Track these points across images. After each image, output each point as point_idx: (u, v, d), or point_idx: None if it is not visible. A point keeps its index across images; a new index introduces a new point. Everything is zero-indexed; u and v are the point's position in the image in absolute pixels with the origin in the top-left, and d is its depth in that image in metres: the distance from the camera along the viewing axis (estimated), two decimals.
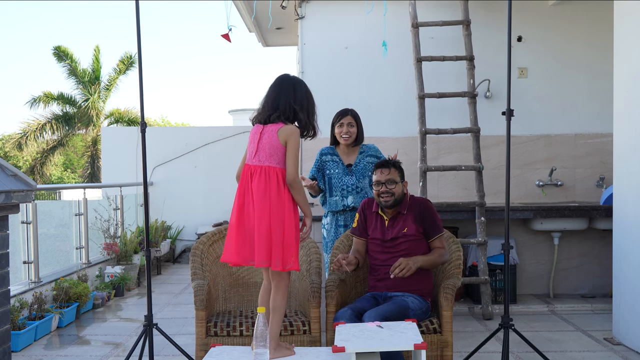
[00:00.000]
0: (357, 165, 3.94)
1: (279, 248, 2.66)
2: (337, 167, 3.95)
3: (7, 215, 3.34)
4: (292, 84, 2.80)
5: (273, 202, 2.67)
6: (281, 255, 2.66)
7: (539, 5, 5.75)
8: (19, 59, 51.16)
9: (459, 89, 5.45)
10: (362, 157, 3.96)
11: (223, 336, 3.15)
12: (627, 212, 4.10)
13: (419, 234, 3.24)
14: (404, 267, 3.06)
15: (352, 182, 3.91)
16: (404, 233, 3.24)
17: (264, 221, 2.65)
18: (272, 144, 2.71)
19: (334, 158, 3.97)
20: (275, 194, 2.68)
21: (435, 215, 3.31)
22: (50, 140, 20.16)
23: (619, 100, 4.24)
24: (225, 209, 8.88)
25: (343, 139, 3.91)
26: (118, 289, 6.06)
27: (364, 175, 3.93)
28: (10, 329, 3.39)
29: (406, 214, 3.28)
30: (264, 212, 2.65)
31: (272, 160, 2.71)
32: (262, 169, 2.70)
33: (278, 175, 2.70)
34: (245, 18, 6.79)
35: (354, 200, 3.90)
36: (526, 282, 5.63)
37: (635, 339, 3.96)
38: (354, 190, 3.91)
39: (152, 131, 9.51)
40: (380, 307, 2.98)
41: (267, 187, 2.68)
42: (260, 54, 76.61)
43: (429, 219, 3.27)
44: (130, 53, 19.47)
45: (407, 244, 3.23)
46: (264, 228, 2.65)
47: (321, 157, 4.00)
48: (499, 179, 5.68)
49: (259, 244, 2.65)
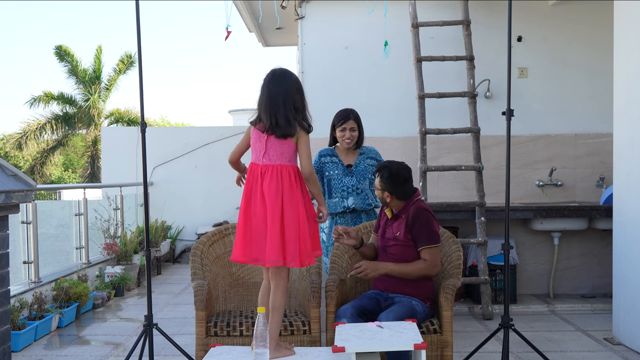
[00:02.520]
0: (357, 167, 3.92)
1: (295, 245, 2.66)
2: (336, 168, 3.92)
3: (7, 215, 3.34)
4: (284, 90, 2.69)
5: (286, 200, 2.67)
6: (297, 251, 2.67)
7: (539, 5, 5.74)
8: (20, 59, 51.23)
9: (459, 89, 5.45)
10: (362, 158, 3.94)
11: (223, 336, 3.15)
12: (627, 212, 4.10)
13: (408, 241, 3.19)
14: (361, 270, 3.10)
15: (353, 183, 3.88)
16: (396, 237, 3.23)
17: (276, 220, 2.65)
18: (282, 143, 2.70)
19: (333, 159, 3.94)
20: (288, 192, 2.68)
21: (427, 225, 3.17)
22: (50, 140, 20.17)
23: (619, 100, 4.24)
24: (225, 209, 8.89)
25: (345, 143, 3.88)
26: (118, 289, 6.06)
27: (364, 176, 3.91)
28: (10, 329, 3.40)
29: (403, 218, 3.25)
30: (275, 210, 2.65)
31: (284, 159, 2.70)
32: (274, 169, 2.69)
33: (290, 174, 2.70)
34: (246, 18, 6.79)
35: (355, 201, 3.87)
36: (526, 282, 5.63)
37: (635, 339, 3.96)
38: (354, 192, 3.88)
39: (152, 131, 9.52)
40: (393, 309, 2.99)
41: (279, 186, 2.67)
42: (260, 54, 76.66)
43: (417, 228, 3.16)
44: (130, 52, 19.50)
45: (397, 248, 3.21)
46: (276, 227, 2.64)
47: (320, 159, 3.97)
48: (499, 179, 5.67)
49: (272, 243, 2.64)
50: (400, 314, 2.94)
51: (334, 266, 3.46)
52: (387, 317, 2.91)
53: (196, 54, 61.79)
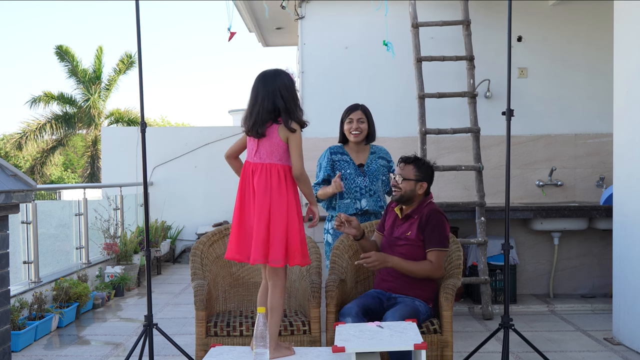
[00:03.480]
0: (370, 166, 3.78)
1: (280, 244, 2.64)
2: (348, 168, 3.75)
3: (7, 215, 3.34)
4: (274, 92, 2.69)
5: (274, 199, 2.66)
6: (283, 251, 2.65)
7: (539, 5, 5.74)
8: (20, 59, 51.24)
9: (459, 89, 5.45)
10: (374, 157, 3.81)
11: (223, 336, 3.15)
12: (627, 212, 4.10)
13: (419, 242, 3.20)
14: (370, 261, 3.05)
15: (366, 184, 3.73)
16: (406, 236, 3.22)
17: (263, 218, 2.64)
18: (272, 141, 2.70)
19: (344, 157, 3.78)
20: (276, 191, 2.67)
21: (439, 228, 3.17)
22: (50, 140, 20.17)
23: (619, 100, 4.24)
24: (225, 209, 8.89)
25: (353, 136, 3.73)
26: (118, 289, 6.06)
27: (377, 177, 3.77)
28: (10, 329, 3.40)
29: (416, 218, 3.24)
30: (263, 209, 2.65)
31: (273, 158, 2.70)
32: (264, 167, 2.69)
33: (280, 172, 2.69)
34: (246, 18, 6.79)
35: (368, 203, 3.72)
36: (526, 282, 5.63)
37: (635, 339, 3.96)
38: (367, 193, 3.73)
39: (152, 131, 9.52)
40: (399, 309, 2.99)
41: (267, 184, 2.67)
42: (260, 54, 76.62)
43: (430, 229, 3.18)
44: (130, 53, 19.50)
45: (406, 247, 3.21)
46: (262, 225, 2.64)
47: (331, 156, 3.80)
48: (499, 179, 5.68)
49: (257, 241, 2.64)
50: (405, 314, 2.94)
51: (334, 266, 3.46)
52: (394, 316, 2.91)
53: (196, 54, 61.84)
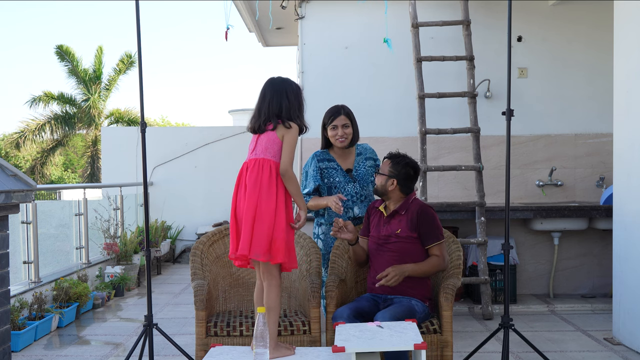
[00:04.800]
0: (357, 170, 3.67)
1: (264, 239, 2.62)
2: (337, 175, 3.64)
3: (7, 215, 3.34)
4: (281, 93, 2.75)
5: (263, 192, 2.65)
6: (266, 246, 2.63)
7: (539, 5, 5.75)
8: (20, 59, 51.24)
9: (459, 89, 5.45)
10: (361, 159, 3.69)
11: (223, 336, 3.15)
12: (627, 212, 4.10)
13: (412, 238, 3.19)
14: (390, 278, 3.06)
15: (356, 191, 3.63)
16: (396, 234, 3.21)
17: (250, 211, 2.64)
18: (269, 138, 2.71)
19: (332, 164, 3.65)
20: (266, 185, 2.66)
21: (434, 222, 3.21)
22: (50, 140, 20.16)
23: (619, 100, 4.24)
24: (225, 209, 8.88)
25: (339, 142, 3.58)
26: (118, 289, 6.06)
27: (367, 181, 3.67)
28: (10, 329, 3.40)
29: (404, 214, 3.23)
30: (251, 202, 2.64)
31: (267, 153, 2.70)
32: (257, 162, 2.71)
33: (271, 168, 2.69)
34: (246, 18, 6.79)
35: (360, 210, 3.63)
36: (526, 282, 5.63)
37: (635, 339, 3.96)
38: (358, 200, 3.65)
39: (152, 131, 9.52)
40: (391, 309, 2.97)
41: (257, 178, 2.67)
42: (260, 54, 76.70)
43: (425, 226, 3.18)
44: (130, 52, 19.49)
45: (399, 244, 3.20)
46: (249, 218, 2.63)
47: (318, 164, 3.65)
48: (499, 179, 5.68)
49: (244, 234, 2.64)
50: (397, 314, 2.92)
51: (334, 266, 3.46)
52: (384, 316, 2.88)
53: (196, 54, 61.84)
